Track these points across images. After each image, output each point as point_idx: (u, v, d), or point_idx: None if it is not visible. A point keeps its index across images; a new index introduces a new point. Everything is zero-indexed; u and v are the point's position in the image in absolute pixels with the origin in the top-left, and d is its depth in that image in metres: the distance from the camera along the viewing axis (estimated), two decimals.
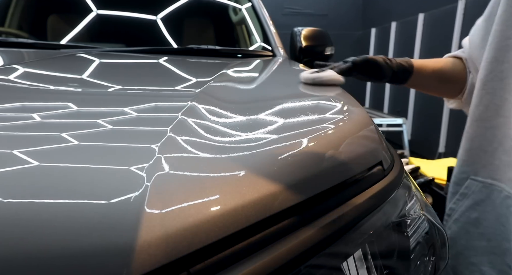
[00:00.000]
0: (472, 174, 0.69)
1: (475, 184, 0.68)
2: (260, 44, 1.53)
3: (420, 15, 4.70)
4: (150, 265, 0.29)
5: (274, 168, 0.40)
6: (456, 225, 0.72)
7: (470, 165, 0.69)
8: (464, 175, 0.71)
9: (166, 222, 0.31)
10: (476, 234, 0.69)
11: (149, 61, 1.08)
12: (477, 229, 0.69)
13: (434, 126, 4.28)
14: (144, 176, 0.35)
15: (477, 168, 0.68)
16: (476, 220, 0.69)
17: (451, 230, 0.73)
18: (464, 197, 0.71)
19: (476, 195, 0.68)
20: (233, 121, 0.53)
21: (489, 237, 0.67)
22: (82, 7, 1.49)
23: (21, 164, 0.36)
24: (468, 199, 0.70)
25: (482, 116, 0.67)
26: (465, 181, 0.71)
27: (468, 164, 0.70)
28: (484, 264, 0.67)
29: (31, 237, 0.29)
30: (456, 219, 0.72)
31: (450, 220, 0.74)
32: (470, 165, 0.69)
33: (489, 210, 0.67)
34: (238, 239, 0.35)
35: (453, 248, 0.72)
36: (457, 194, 0.72)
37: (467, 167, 0.70)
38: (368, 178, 0.50)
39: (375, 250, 0.45)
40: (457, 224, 0.72)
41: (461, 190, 0.71)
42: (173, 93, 0.72)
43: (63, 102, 0.59)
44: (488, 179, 0.67)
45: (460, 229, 0.71)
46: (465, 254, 0.70)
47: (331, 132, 0.49)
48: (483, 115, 0.67)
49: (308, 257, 0.38)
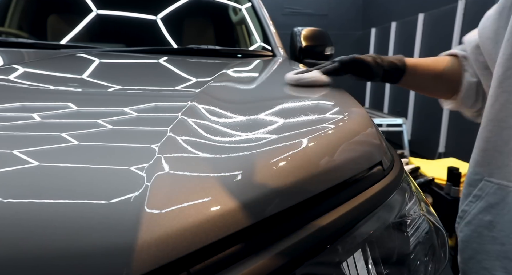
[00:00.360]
0: (487, 175, 0.67)
1: (490, 185, 0.66)
2: (260, 44, 1.53)
3: (420, 15, 4.71)
4: (150, 265, 0.29)
5: (274, 168, 0.40)
6: (468, 228, 0.70)
7: (485, 166, 0.67)
8: (478, 176, 0.68)
9: (166, 222, 0.31)
10: (489, 237, 0.66)
11: (149, 61, 1.08)
12: (490, 232, 0.66)
13: (434, 126, 4.28)
14: (144, 176, 0.35)
15: (492, 169, 0.66)
16: (490, 223, 0.66)
17: (463, 233, 0.71)
18: (477, 199, 0.68)
19: (490, 197, 0.66)
20: (233, 121, 0.53)
21: (503, 241, 0.64)
22: (82, 7, 1.49)
23: (21, 164, 0.36)
24: (482, 201, 0.67)
25: (498, 116, 0.64)
26: (479, 182, 0.68)
27: (482, 165, 0.68)
28: (497, 269, 0.65)
29: (31, 237, 0.29)
30: (468, 222, 0.70)
31: (462, 222, 0.72)
32: (484, 166, 0.67)
33: (503, 212, 0.64)
34: (238, 239, 0.35)
35: (465, 252, 0.70)
36: (470, 195, 0.70)
37: (481, 168, 0.68)
38: (368, 178, 0.50)
39: (375, 250, 0.45)
40: (469, 226, 0.69)
41: (474, 191, 0.69)
42: (173, 93, 0.72)
43: (63, 102, 0.59)
44: (503, 181, 0.64)
45: (472, 232, 0.69)
46: (477, 258, 0.68)
47: (331, 133, 0.49)
48: (499, 115, 0.64)
49: (308, 257, 0.38)
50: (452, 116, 4.06)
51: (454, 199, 1.81)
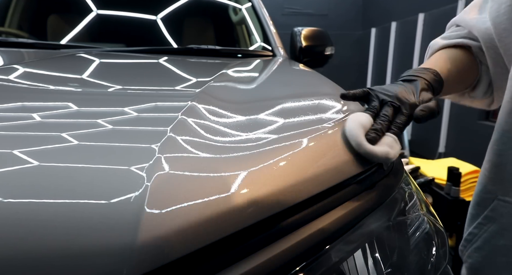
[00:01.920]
0: (500, 194, 0.60)
1: (504, 205, 0.59)
2: (260, 44, 1.53)
3: (420, 15, 4.70)
4: (150, 265, 0.29)
5: (274, 168, 0.40)
6: (479, 254, 0.63)
7: (498, 183, 0.60)
8: (489, 195, 0.61)
9: (166, 222, 0.31)
10: (504, 263, 0.60)
11: (149, 61, 1.08)
12: (504, 258, 0.60)
13: (434, 126, 4.28)
14: (144, 176, 0.35)
15: (507, 187, 0.59)
16: (505, 248, 0.60)
17: (473, 259, 0.65)
18: (489, 221, 0.61)
19: (504, 218, 0.59)
20: (233, 121, 0.53)
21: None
22: (82, 7, 1.49)
23: (21, 164, 0.36)
24: (495, 224, 0.61)
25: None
26: (490, 202, 0.61)
27: (495, 183, 0.61)
28: None
29: (31, 237, 0.29)
30: (478, 247, 0.63)
31: (470, 247, 0.65)
32: (497, 183, 0.60)
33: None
34: (238, 239, 0.35)
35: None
36: (480, 217, 0.63)
37: (493, 186, 0.61)
38: (368, 178, 0.50)
39: (375, 250, 0.45)
40: (480, 252, 0.63)
41: (485, 212, 0.62)
42: (173, 93, 0.72)
43: (63, 102, 0.59)
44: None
45: (484, 259, 0.63)
46: None
47: (331, 132, 0.49)
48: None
49: (308, 257, 0.38)
50: (452, 116, 4.06)
51: (454, 199, 1.81)
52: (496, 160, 0.60)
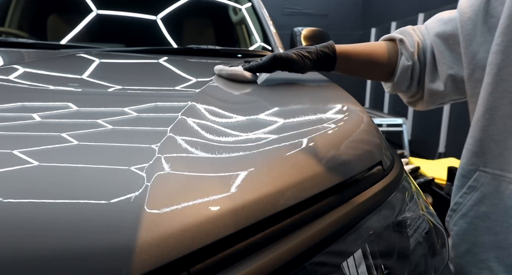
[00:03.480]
0: (482, 165, 0.67)
1: (484, 175, 0.66)
2: (260, 44, 1.53)
3: (420, 15, 4.70)
4: (150, 265, 0.29)
5: (274, 168, 0.40)
6: (464, 221, 0.69)
7: (480, 156, 0.67)
8: (472, 167, 0.68)
9: (166, 222, 0.31)
10: (484, 228, 0.66)
11: (149, 61, 1.08)
12: (484, 223, 0.66)
13: (434, 126, 4.28)
14: (144, 176, 0.35)
15: (487, 159, 0.66)
16: (484, 214, 0.66)
17: (458, 226, 0.70)
18: (472, 190, 0.68)
19: (485, 187, 0.66)
20: (233, 121, 0.53)
21: (496, 230, 0.65)
22: (82, 7, 1.50)
23: (21, 164, 0.36)
24: (477, 192, 0.67)
25: (495, 104, 0.64)
26: (473, 173, 0.68)
27: (477, 155, 0.67)
28: (492, 260, 0.65)
29: (31, 237, 0.29)
30: (463, 214, 0.69)
31: (455, 215, 0.71)
32: (479, 156, 0.67)
33: (497, 202, 0.65)
34: (238, 239, 0.35)
35: (461, 246, 0.69)
36: (464, 187, 0.69)
37: (476, 158, 0.67)
38: (368, 178, 0.50)
39: (375, 250, 0.45)
40: (465, 219, 0.69)
41: (469, 182, 0.68)
42: (173, 93, 0.72)
43: (63, 102, 0.59)
44: (497, 170, 0.64)
45: (468, 225, 0.68)
46: (474, 251, 0.67)
47: (331, 132, 0.49)
48: (496, 103, 0.64)
49: (308, 257, 0.38)
50: (452, 116, 4.06)
51: None
52: (478, 135, 0.67)
